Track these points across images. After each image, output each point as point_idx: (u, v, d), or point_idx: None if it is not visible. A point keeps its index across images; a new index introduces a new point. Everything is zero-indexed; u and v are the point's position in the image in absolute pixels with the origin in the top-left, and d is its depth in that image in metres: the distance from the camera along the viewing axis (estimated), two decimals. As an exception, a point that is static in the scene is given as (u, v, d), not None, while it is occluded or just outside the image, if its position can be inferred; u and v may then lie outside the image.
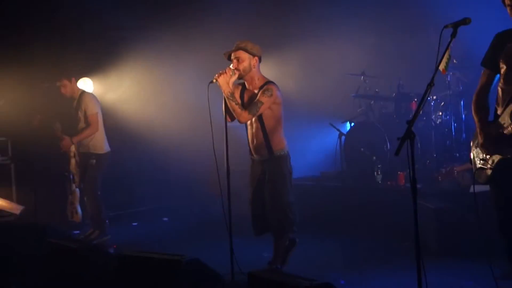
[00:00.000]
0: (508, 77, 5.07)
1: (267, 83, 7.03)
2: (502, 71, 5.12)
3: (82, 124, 9.49)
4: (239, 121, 6.96)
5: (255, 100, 6.93)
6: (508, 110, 5.00)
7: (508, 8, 5.02)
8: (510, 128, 4.95)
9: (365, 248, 8.07)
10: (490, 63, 5.27)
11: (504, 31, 5.23)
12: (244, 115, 6.87)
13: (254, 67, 7.03)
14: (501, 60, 5.12)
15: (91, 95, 9.67)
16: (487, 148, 5.18)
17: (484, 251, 5.31)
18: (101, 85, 11.27)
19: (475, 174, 5.30)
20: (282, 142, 7.15)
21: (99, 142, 9.59)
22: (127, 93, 12.08)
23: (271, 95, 6.91)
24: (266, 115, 7.02)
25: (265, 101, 6.88)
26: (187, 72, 11.78)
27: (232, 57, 7.04)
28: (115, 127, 11.34)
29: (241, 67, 6.98)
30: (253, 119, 7.10)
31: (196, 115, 9.14)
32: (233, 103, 6.85)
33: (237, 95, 7.10)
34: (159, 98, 12.19)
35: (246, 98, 7.12)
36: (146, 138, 12.26)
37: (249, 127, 7.24)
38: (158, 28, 12.08)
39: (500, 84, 5.17)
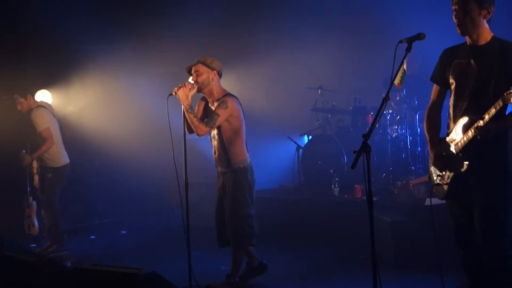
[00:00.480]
0: (458, 92, 5.16)
1: (224, 96, 7.12)
2: (452, 87, 5.22)
3: (39, 139, 9.42)
4: (197, 134, 7.01)
5: (212, 113, 7.04)
6: (459, 125, 5.09)
7: (455, 20, 5.12)
8: (462, 141, 5.04)
9: (322, 260, 8.12)
10: (439, 79, 5.36)
11: (451, 47, 5.32)
12: (202, 127, 6.94)
13: (213, 81, 7.13)
14: (450, 76, 5.22)
15: (41, 109, 9.51)
16: (438, 166, 5.27)
17: (438, 264, 5.38)
18: (61, 97, 11.19)
19: (433, 189, 5.38)
20: (242, 154, 7.20)
21: (55, 155, 9.50)
22: (87, 105, 12.02)
23: (227, 107, 7.02)
24: (224, 128, 7.09)
25: (221, 113, 6.98)
26: (148, 85, 11.78)
27: (192, 71, 7.15)
28: (74, 139, 11.29)
29: (200, 80, 7.08)
30: (214, 132, 7.18)
31: (156, 127, 9.14)
32: (192, 116, 6.92)
33: (201, 107, 7.24)
34: (119, 110, 12.15)
35: (209, 112, 7.19)
36: (105, 151, 12.21)
37: (212, 140, 7.31)
38: (119, 40, 12.07)
39: (451, 100, 5.26)
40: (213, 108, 7.16)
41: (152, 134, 11.00)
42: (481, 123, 4.85)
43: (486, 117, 4.83)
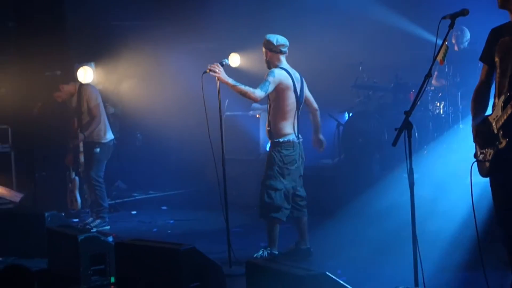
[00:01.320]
0: (502, 70, 5.09)
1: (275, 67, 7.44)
2: (497, 65, 5.15)
3: (86, 117, 9.58)
4: (255, 100, 7.46)
5: (264, 79, 7.35)
6: (499, 103, 5.03)
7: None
8: (502, 118, 4.97)
9: (363, 238, 8.09)
10: (487, 58, 5.29)
11: (498, 26, 5.24)
12: (255, 93, 7.25)
13: (271, 60, 7.53)
14: (496, 54, 5.15)
15: (90, 86, 9.73)
16: (478, 143, 5.22)
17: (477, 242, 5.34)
18: (102, 73, 11.28)
19: (478, 167, 5.32)
20: (283, 129, 7.41)
21: (102, 131, 9.69)
22: (127, 81, 12.10)
23: (274, 76, 7.31)
24: (270, 99, 7.32)
25: (271, 81, 7.30)
26: (187, 61, 11.79)
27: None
28: (115, 114, 11.39)
29: (264, 59, 7.57)
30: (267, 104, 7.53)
31: (195, 103, 9.18)
32: (240, 88, 7.25)
33: None
34: (158, 86, 12.23)
35: None
36: (145, 126, 12.33)
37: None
38: (159, 16, 12.12)
39: (496, 78, 5.19)
40: None
41: (192, 110, 11.03)
42: (518, 99, 4.80)
43: None
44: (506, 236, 5.24)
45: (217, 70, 7.16)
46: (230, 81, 7.21)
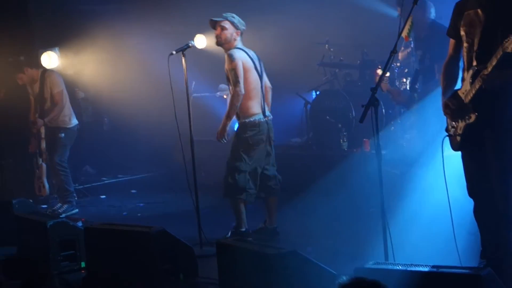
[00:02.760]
0: (468, 43, 5.12)
1: (231, 49, 7.32)
2: (463, 38, 5.17)
3: (48, 103, 9.54)
4: (241, 96, 7.20)
5: (228, 71, 7.24)
6: (469, 75, 5.06)
7: None
8: (471, 91, 5.00)
9: (332, 214, 8.13)
10: (453, 32, 5.31)
11: None
12: (234, 93, 7.18)
13: (235, 40, 7.36)
14: (461, 28, 5.17)
15: (54, 73, 9.70)
16: (448, 115, 5.25)
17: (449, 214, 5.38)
18: (67, 58, 11.17)
19: (450, 141, 5.36)
20: (248, 110, 7.33)
21: (67, 116, 9.65)
22: (94, 66, 12.00)
23: (234, 58, 7.20)
24: (230, 82, 7.26)
25: (234, 66, 7.18)
26: (154, 44, 11.72)
27: (217, 25, 7.35)
28: (81, 99, 11.30)
29: (223, 36, 7.33)
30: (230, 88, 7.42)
31: (162, 86, 9.13)
32: (232, 108, 7.23)
33: None
34: (126, 70, 12.13)
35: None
36: (112, 111, 12.24)
37: None
38: (122, 1, 12.04)
39: (463, 52, 5.22)
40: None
41: (159, 93, 10.98)
42: (485, 72, 4.82)
43: (489, 66, 4.79)
44: (476, 207, 5.31)
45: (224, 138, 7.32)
46: (226, 120, 7.26)
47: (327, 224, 7.83)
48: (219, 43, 7.38)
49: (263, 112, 7.39)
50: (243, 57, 7.28)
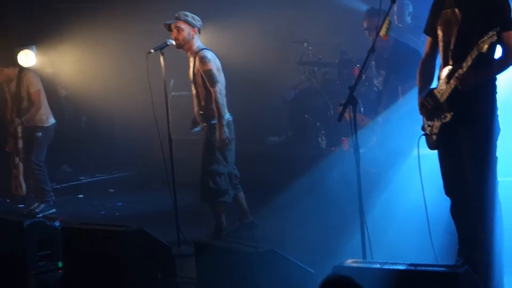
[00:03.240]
0: (445, 42, 5.14)
1: (200, 50, 7.23)
2: (440, 37, 5.19)
3: (25, 103, 9.49)
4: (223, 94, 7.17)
5: (204, 73, 7.15)
6: (444, 74, 5.08)
7: None
8: (446, 91, 5.02)
9: (311, 212, 8.13)
10: (430, 30, 5.33)
11: None
12: (214, 93, 7.11)
13: (193, 38, 7.25)
14: (438, 27, 5.19)
15: (31, 72, 9.64)
16: (424, 114, 5.28)
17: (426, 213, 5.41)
18: (44, 56, 11.10)
19: (426, 140, 5.38)
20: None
21: (44, 115, 9.60)
22: (71, 64, 11.95)
23: (209, 59, 7.15)
24: (199, 82, 7.13)
25: (211, 67, 7.13)
26: (131, 43, 11.69)
27: (173, 27, 7.24)
28: (58, 98, 11.24)
29: (180, 37, 7.22)
30: (193, 87, 7.35)
31: (139, 85, 9.10)
32: (221, 111, 7.12)
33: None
34: (103, 69, 12.07)
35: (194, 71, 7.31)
36: (91, 110, 12.18)
37: (193, 96, 7.34)
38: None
39: (440, 50, 5.24)
40: (191, 64, 7.28)
41: (138, 92, 10.94)
42: (460, 72, 4.84)
43: (464, 66, 4.81)
44: (453, 206, 5.34)
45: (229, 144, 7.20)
46: (221, 123, 7.14)
47: (305, 222, 7.83)
48: (178, 45, 7.28)
49: (229, 111, 7.34)
50: (215, 58, 7.25)
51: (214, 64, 7.16)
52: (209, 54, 7.18)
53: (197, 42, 7.28)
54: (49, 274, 6.62)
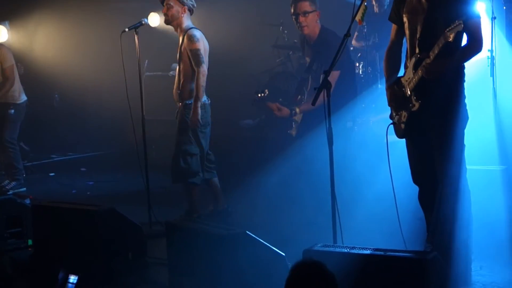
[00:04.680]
0: (411, 31, 5.15)
1: (189, 29, 7.20)
2: (406, 25, 5.20)
3: (1, 77, 9.35)
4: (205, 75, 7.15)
5: (191, 52, 7.11)
6: (410, 65, 5.10)
7: None
8: (413, 80, 5.05)
9: (283, 197, 8.15)
10: (395, 18, 5.33)
11: None
12: (200, 72, 7.09)
13: (182, 16, 7.22)
14: (404, 15, 5.20)
15: (4, 47, 9.53)
16: (393, 106, 5.31)
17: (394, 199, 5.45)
18: (17, 32, 10.99)
19: (394, 128, 5.40)
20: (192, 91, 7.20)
21: (17, 91, 9.52)
22: (43, 40, 11.85)
23: (198, 39, 7.13)
24: (184, 62, 7.12)
25: (198, 46, 7.12)
26: (107, 20, 11.60)
27: (164, 3, 7.25)
28: (30, 75, 11.14)
29: (169, 13, 7.22)
30: (178, 66, 7.32)
31: (112, 64, 9.04)
32: (199, 90, 7.09)
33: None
34: (76, 46, 12.00)
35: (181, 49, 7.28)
36: (63, 87, 12.09)
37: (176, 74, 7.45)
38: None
39: (406, 38, 5.26)
40: (179, 42, 7.24)
41: (111, 71, 10.88)
42: (427, 61, 4.87)
43: (431, 55, 4.84)
44: (421, 193, 5.38)
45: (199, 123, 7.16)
46: (196, 103, 7.11)
47: (277, 206, 7.85)
48: (166, 21, 7.30)
49: (206, 95, 7.32)
50: (203, 38, 7.23)
51: (202, 44, 7.15)
52: (197, 34, 7.17)
53: (187, 21, 7.26)
54: (18, 251, 6.59)
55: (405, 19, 5.18)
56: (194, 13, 7.39)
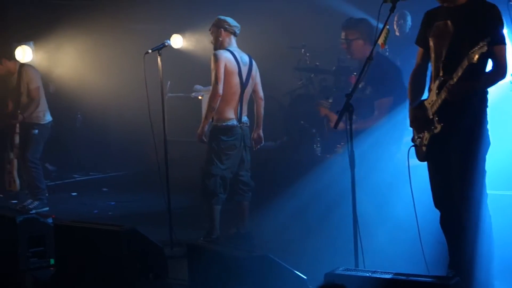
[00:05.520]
0: (437, 54, 5.16)
1: (216, 50, 7.34)
2: (431, 49, 5.21)
3: (24, 98, 9.48)
4: (219, 96, 7.20)
5: (211, 71, 7.24)
6: (435, 86, 5.11)
7: None
8: (436, 102, 5.05)
9: (304, 219, 8.13)
10: (422, 41, 5.35)
11: (433, 9, 5.30)
12: (213, 92, 7.19)
13: (221, 38, 7.39)
14: (430, 39, 5.21)
15: (32, 68, 9.64)
16: (414, 127, 5.31)
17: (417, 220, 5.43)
18: (41, 53, 11.11)
19: (415, 151, 5.39)
20: (222, 113, 7.28)
21: (42, 112, 9.59)
22: (67, 61, 11.95)
23: (217, 60, 7.20)
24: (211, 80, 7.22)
25: (216, 67, 7.19)
26: (128, 41, 11.70)
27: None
28: (54, 95, 11.23)
29: (212, 39, 7.46)
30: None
31: (135, 85, 9.11)
32: (210, 105, 7.22)
33: None
34: (99, 67, 12.09)
35: None
36: (86, 107, 12.18)
37: None
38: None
39: (431, 61, 5.26)
40: None
41: (134, 91, 10.96)
42: (451, 83, 4.86)
43: (454, 77, 4.83)
44: (442, 218, 5.36)
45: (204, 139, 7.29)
46: (204, 121, 7.28)
47: (299, 228, 7.84)
48: (213, 45, 7.46)
49: (239, 118, 7.34)
50: (228, 59, 7.26)
51: (223, 64, 7.20)
52: (221, 54, 7.26)
53: (229, 45, 7.40)
54: (40, 271, 6.60)
55: (431, 43, 5.19)
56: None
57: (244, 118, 7.43)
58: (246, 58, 7.47)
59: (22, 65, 9.58)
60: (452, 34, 5.04)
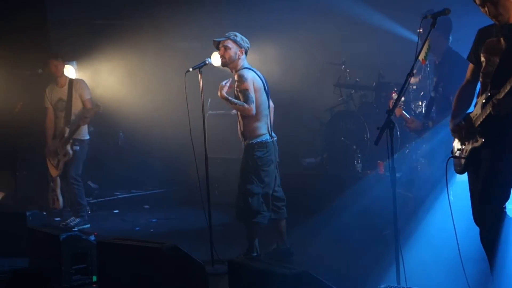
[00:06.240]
0: (486, 69, 5.14)
1: (240, 70, 7.25)
2: (483, 65, 5.19)
3: (76, 109, 9.51)
4: (251, 114, 7.13)
5: (241, 92, 7.14)
6: (479, 101, 5.08)
7: (489, 17, 5.10)
8: (481, 116, 5.02)
9: (345, 236, 8.11)
10: (473, 57, 5.34)
11: (486, 26, 5.29)
12: (247, 108, 7.08)
13: (239, 58, 7.27)
14: (481, 55, 5.19)
15: (82, 81, 9.77)
16: (458, 139, 5.28)
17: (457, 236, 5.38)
18: (83, 71, 11.25)
19: (454, 163, 5.36)
20: (255, 130, 7.25)
21: (83, 128, 9.60)
22: (108, 80, 12.07)
23: (246, 78, 7.14)
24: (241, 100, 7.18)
25: (247, 87, 7.11)
26: (170, 59, 11.79)
27: (220, 45, 7.29)
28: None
29: (227, 55, 7.26)
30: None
31: (176, 103, 9.17)
32: (235, 104, 7.15)
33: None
34: (140, 85, 12.21)
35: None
36: (127, 126, 12.29)
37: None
38: (139, 16, 12.11)
39: (480, 77, 5.24)
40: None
41: (175, 109, 11.04)
42: (497, 97, 4.83)
43: (501, 92, 4.80)
44: (482, 234, 5.29)
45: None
46: (224, 99, 7.17)
47: (339, 245, 7.81)
48: (223, 63, 7.34)
49: (270, 133, 7.35)
50: (254, 78, 7.23)
51: (252, 84, 7.18)
52: (247, 74, 7.20)
53: (243, 62, 7.30)
54: (83, 288, 6.68)
55: (482, 59, 5.17)
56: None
57: (273, 133, 7.41)
58: (260, 73, 7.45)
59: (73, 79, 9.65)
60: (503, 50, 5.02)
